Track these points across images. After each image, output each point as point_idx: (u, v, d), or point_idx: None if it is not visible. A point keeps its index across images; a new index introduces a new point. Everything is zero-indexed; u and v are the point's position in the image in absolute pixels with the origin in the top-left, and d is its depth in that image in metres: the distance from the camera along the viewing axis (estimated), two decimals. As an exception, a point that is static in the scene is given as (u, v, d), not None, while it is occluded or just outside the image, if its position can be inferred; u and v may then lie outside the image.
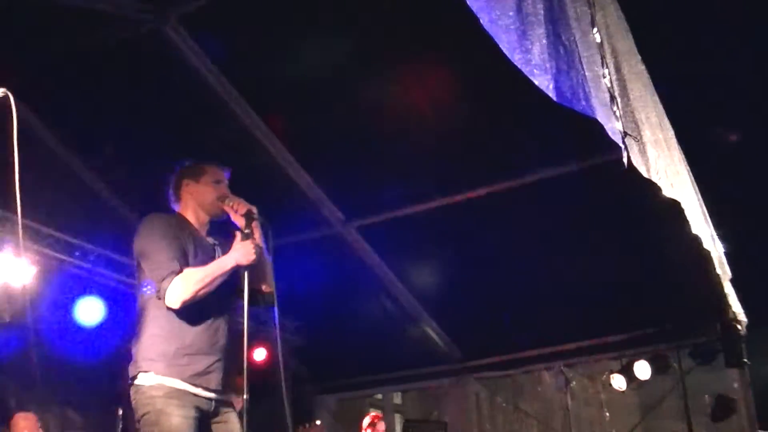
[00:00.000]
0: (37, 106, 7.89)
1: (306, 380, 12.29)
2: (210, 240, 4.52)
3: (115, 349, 7.63)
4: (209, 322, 4.23)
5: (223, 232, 4.60)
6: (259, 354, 10.42)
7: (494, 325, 10.55)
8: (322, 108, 7.97)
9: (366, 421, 9.74)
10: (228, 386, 4.24)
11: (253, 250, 4.19)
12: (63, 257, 8.61)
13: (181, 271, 4.11)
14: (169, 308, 4.11)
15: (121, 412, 7.53)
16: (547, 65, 2.64)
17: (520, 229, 9.24)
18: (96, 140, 8.52)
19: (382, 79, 7.54)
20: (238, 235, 4.29)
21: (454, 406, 11.58)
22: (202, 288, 4.11)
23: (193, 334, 4.15)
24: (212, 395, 4.16)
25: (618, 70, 3.37)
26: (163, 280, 4.08)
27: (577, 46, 2.84)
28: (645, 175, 3.33)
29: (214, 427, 4.16)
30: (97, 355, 8.69)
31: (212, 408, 4.16)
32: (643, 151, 3.35)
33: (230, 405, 4.27)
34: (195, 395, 4.07)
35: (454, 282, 10.34)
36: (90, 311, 8.95)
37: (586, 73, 2.82)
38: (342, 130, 8.22)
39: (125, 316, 8.65)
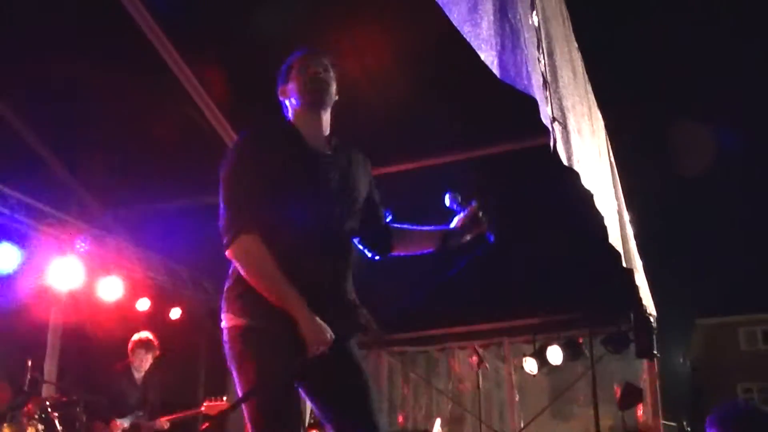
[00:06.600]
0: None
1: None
2: (328, 149, 3.70)
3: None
4: None
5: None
6: (175, 313, 10.23)
7: (411, 300, 10.57)
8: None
9: None
10: None
11: (323, 339, 3.35)
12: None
13: (250, 229, 3.37)
14: None
15: (30, 363, 7.38)
16: (493, 41, 2.62)
17: (441, 206, 9.20)
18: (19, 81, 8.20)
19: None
20: None
21: (367, 378, 11.59)
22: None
23: None
24: None
25: (551, 54, 3.38)
26: (226, 232, 3.39)
27: (522, 25, 2.84)
28: (565, 163, 3.35)
29: None
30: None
31: None
32: (566, 139, 3.36)
33: None
34: None
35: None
36: (6, 257, 8.74)
37: (528, 53, 2.82)
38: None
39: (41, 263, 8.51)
